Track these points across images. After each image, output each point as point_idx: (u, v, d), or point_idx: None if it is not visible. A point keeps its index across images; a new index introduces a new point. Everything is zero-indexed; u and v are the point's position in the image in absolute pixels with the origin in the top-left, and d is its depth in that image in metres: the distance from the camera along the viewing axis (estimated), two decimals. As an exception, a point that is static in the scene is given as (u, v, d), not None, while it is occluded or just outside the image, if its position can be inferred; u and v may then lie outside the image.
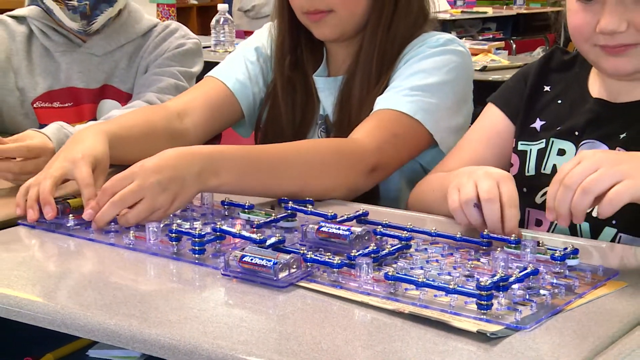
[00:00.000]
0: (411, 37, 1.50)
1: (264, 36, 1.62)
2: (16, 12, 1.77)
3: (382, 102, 1.41)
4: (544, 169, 1.29)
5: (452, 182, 1.13)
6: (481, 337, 0.81)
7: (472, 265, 1.01)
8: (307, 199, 1.23)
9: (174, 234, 1.05)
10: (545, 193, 1.27)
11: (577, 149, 1.26)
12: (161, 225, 1.10)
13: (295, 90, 1.56)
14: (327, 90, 1.55)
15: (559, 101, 1.33)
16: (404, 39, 1.49)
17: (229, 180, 1.19)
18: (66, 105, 1.75)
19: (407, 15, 1.49)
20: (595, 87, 1.29)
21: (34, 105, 1.72)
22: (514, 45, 4.88)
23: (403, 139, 1.39)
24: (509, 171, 1.36)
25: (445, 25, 5.69)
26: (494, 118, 1.38)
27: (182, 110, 1.48)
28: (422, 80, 1.42)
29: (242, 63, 1.58)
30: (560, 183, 1.00)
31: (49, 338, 0.94)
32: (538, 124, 1.33)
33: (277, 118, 1.56)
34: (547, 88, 1.35)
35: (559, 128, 1.30)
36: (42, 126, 1.51)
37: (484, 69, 3.12)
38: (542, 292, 0.92)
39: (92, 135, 1.27)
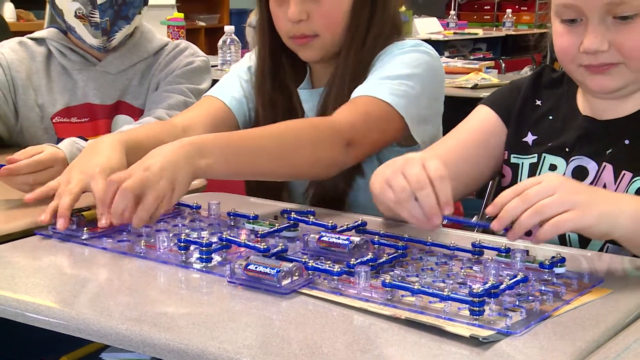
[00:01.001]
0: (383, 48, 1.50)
1: (254, 57, 1.63)
2: (36, 35, 1.77)
3: (357, 91, 1.41)
4: None
5: (377, 175, 1.07)
6: (473, 341, 0.81)
7: (465, 273, 1.00)
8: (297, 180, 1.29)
9: (182, 243, 1.05)
10: None
11: (567, 164, 1.26)
12: (170, 235, 1.10)
13: (276, 107, 1.55)
14: (310, 102, 1.55)
15: (550, 117, 1.32)
16: (376, 52, 1.50)
17: (216, 162, 1.19)
18: (83, 120, 1.75)
19: (379, 34, 1.49)
20: (583, 104, 1.29)
21: (53, 121, 1.72)
22: (503, 65, 4.90)
23: (375, 118, 1.38)
24: (501, 177, 1.36)
25: (439, 46, 5.70)
26: (485, 118, 1.35)
27: (187, 125, 1.48)
28: (392, 71, 1.42)
29: (237, 82, 1.59)
30: (517, 195, 0.99)
31: (64, 342, 0.93)
32: (530, 138, 1.32)
33: None
34: (538, 102, 1.34)
35: (550, 144, 1.29)
36: (59, 140, 1.51)
37: (475, 86, 3.11)
38: (531, 298, 0.92)
39: (108, 147, 1.27)
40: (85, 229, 1.15)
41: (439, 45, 5.71)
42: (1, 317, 0.93)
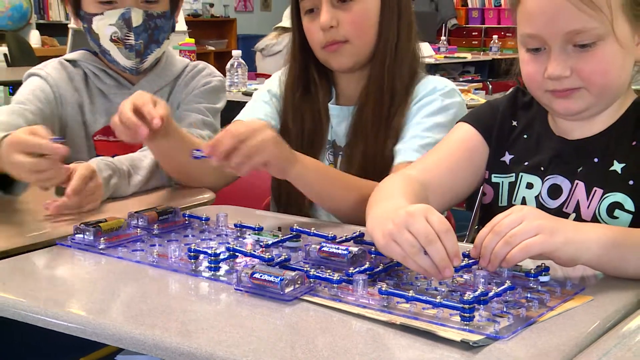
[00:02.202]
0: (414, 77, 1.51)
1: (274, 80, 1.65)
2: (69, 57, 1.73)
3: (408, 155, 1.42)
4: (515, 201, 1.28)
5: (377, 226, 1.02)
6: (464, 345, 0.80)
7: (456, 282, 1.00)
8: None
9: (192, 253, 1.05)
10: None
11: (542, 183, 1.25)
12: (181, 245, 1.10)
13: (304, 119, 1.57)
14: (339, 117, 1.55)
15: (525, 136, 1.31)
16: (409, 74, 1.51)
17: (309, 175, 1.30)
18: (119, 139, 1.71)
19: (406, 50, 1.51)
20: (554, 125, 1.28)
21: (94, 138, 1.70)
22: (490, 86, 4.90)
23: None
24: (474, 205, 1.35)
25: (430, 69, 5.71)
26: (469, 135, 1.34)
27: None
28: (437, 134, 1.43)
29: (260, 105, 1.61)
30: (491, 230, 0.99)
31: (82, 345, 0.93)
32: (507, 157, 1.31)
33: (286, 142, 1.58)
34: (514, 123, 1.33)
35: (526, 163, 1.29)
36: (97, 156, 1.52)
37: (464, 106, 3.13)
38: (517, 305, 0.91)
39: None
40: (102, 239, 1.14)
41: (431, 69, 5.73)
42: (24, 322, 0.93)
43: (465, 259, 1.02)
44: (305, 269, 0.99)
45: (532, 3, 1.15)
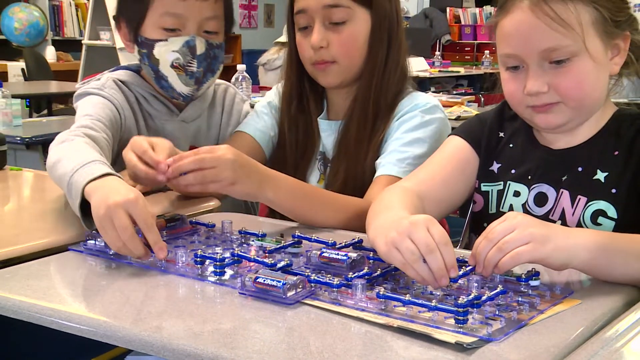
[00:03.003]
0: (400, 92, 1.51)
1: (273, 93, 1.66)
2: (119, 77, 1.62)
3: (387, 169, 1.41)
4: (503, 208, 1.28)
5: (379, 235, 1.01)
6: (458, 347, 0.80)
7: (451, 286, 0.99)
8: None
9: (198, 258, 1.05)
10: None
11: (529, 191, 1.25)
12: (188, 251, 1.09)
13: (298, 129, 1.57)
14: (328, 131, 1.56)
15: (511, 145, 1.31)
16: (395, 92, 1.51)
17: (281, 198, 1.25)
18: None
19: (394, 70, 1.51)
20: (539, 135, 1.29)
21: None
22: (483, 99, 4.90)
23: None
24: (467, 211, 1.35)
25: (425, 82, 5.72)
26: (460, 147, 1.34)
27: None
28: (416, 149, 1.42)
29: (259, 117, 1.61)
30: (484, 237, 0.99)
31: (93, 346, 0.93)
32: (495, 166, 1.31)
33: (282, 152, 1.59)
34: (501, 134, 1.33)
35: (513, 171, 1.29)
36: None
37: (457, 118, 3.15)
38: (509, 308, 0.91)
39: None
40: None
41: (426, 82, 5.73)
42: (38, 324, 0.93)
43: (463, 267, 1.01)
44: (306, 273, 0.99)
45: (509, 25, 1.17)
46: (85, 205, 1.15)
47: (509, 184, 1.28)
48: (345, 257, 1.04)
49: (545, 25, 1.13)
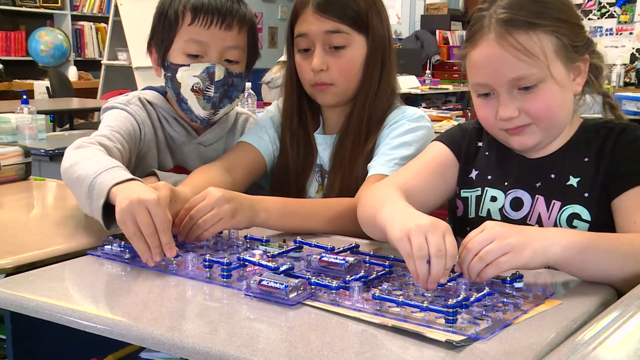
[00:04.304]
0: (390, 107, 1.51)
1: (274, 108, 1.65)
2: (146, 97, 1.61)
3: (376, 169, 1.41)
4: (481, 213, 1.28)
5: (396, 222, 0.99)
6: (448, 345, 0.80)
7: (441, 288, 0.98)
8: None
9: (207, 262, 1.04)
10: None
11: (505, 196, 1.25)
12: (197, 256, 1.08)
13: (299, 144, 1.57)
14: (323, 145, 1.55)
15: (487, 153, 1.31)
16: (385, 107, 1.51)
17: (272, 216, 1.25)
18: None
19: (386, 89, 1.51)
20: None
21: None
22: (469, 114, 4.90)
23: None
24: (454, 215, 1.34)
25: (417, 99, 5.71)
26: (442, 152, 1.33)
27: (229, 166, 1.49)
28: (403, 151, 1.42)
29: (262, 130, 1.60)
30: (464, 247, 0.98)
31: (110, 343, 0.92)
32: (474, 173, 1.31)
33: (284, 165, 1.58)
34: (480, 144, 1.33)
35: (489, 177, 1.29)
36: None
37: (446, 132, 3.13)
38: (495, 309, 0.90)
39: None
40: (128, 250, 1.13)
41: (418, 99, 5.72)
42: (59, 323, 0.92)
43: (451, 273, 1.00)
44: (307, 276, 0.98)
45: (478, 56, 1.17)
46: (105, 207, 1.15)
47: (486, 190, 1.28)
48: (343, 261, 1.03)
49: (512, 56, 1.13)
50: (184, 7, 1.48)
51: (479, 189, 1.29)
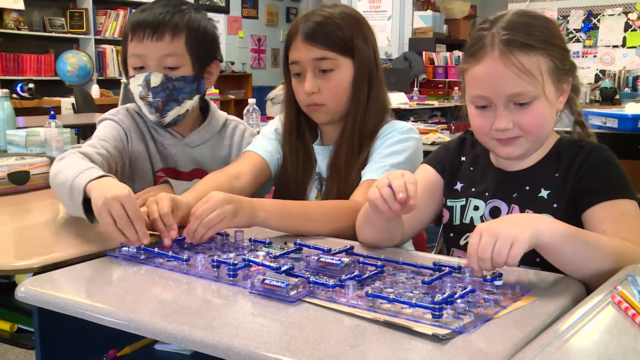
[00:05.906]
0: (381, 122, 1.51)
1: (277, 122, 1.64)
2: (132, 107, 1.64)
3: (368, 175, 1.41)
4: (465, 220, 1.28)
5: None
6: (435, 338, 0.79)
7: (428, 286, 0.98)
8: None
9: (215, 263, 1.03)
10: (466, 237, 1.26)
11: (486, 206, 1.25)
12: (206, 256, 1.08)
13: (298, 155, 1.56)
14: (322, 155, 1.55)
15: (472, 168, 1.31)
16: (376, 122, 1.50)
17: (271, 216, 1.23)
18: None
19: (376, 105, 1.50)
20: (495, 159, 1.29)
21: (157, 174, 1.63)
22: (453, 127, 4.90)
23: None
24: (441, 221, 1.34)
25: (406, 113, 5.71)
26: (428, 174, 1.34)
27: (237, 173, 1.48)
28: (394, 159, 1.42)
29: (267, 141, 1.59)
30: (476, 256, 0.96)
31: (127, 336, 0.91)
32: (459, 186, 1.31)
33: (285, 174, 1.57)
34: (463, 158, 1.33)
35: (473, 189, 1.29)
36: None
37: (433, 143, 3.13)
38: (477, 305, 0.90)
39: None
40: (143, 251, 1.13)
41: (406, 113, 5.72)
42: (81, 318, 0.91)
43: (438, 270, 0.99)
44: (306, 275, 0.97)
45: (480, 71, 1.16)
46: (86, 204, 1.20)
47: (470, 200, 1.28)
48: (339, 262, 1.02)
49: (513, 74, 1.13)
50: (128, 27, 1.53)
51: (464, 199, 1.29)
